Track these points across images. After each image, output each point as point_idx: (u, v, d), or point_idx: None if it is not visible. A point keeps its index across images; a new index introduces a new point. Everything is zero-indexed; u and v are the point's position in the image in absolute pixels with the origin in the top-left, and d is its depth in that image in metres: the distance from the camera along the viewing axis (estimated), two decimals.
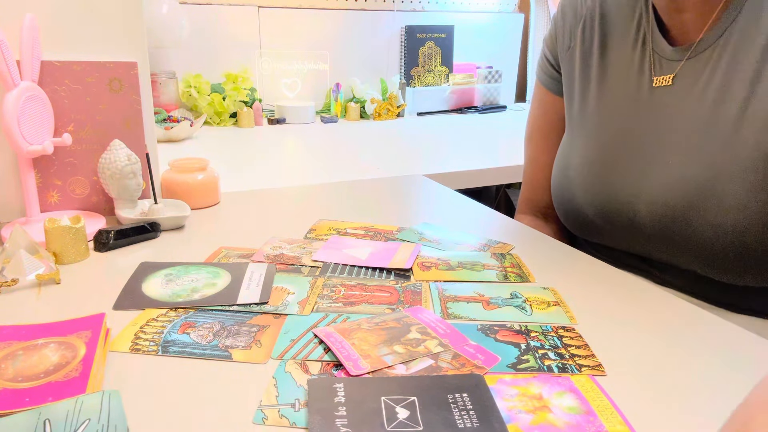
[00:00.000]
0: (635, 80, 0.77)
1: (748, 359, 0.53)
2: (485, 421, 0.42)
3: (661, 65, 0.74)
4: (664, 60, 0.74)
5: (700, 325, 0.58)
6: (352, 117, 1.90)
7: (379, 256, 0.72)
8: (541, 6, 2.17)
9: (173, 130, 1.48)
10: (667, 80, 0.73)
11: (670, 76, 0.73)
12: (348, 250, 0.75)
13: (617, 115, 0.79)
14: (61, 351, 0.50)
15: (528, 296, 0.63)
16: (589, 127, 0.82)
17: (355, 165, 1.33)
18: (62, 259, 0.69)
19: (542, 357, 0.52)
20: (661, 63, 0.74)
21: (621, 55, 0.79)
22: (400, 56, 2.06)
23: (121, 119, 0.83)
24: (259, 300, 0.60)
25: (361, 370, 0.48)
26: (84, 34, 0.80)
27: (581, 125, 0.84)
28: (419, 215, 0.92)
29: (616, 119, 0.78)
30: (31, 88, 0.74)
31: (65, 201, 0.84)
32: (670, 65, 0.73)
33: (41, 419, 0.40)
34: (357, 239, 0.79)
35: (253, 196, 0.99)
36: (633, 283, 0.68)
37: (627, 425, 0.43)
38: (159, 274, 0.66)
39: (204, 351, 0.52)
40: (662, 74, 0.74)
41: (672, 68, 0.73)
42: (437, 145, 1.60)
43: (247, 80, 1.80)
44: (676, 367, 0.51)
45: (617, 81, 0.79)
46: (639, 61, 0.77)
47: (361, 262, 0.71)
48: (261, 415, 0.43)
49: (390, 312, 0.59)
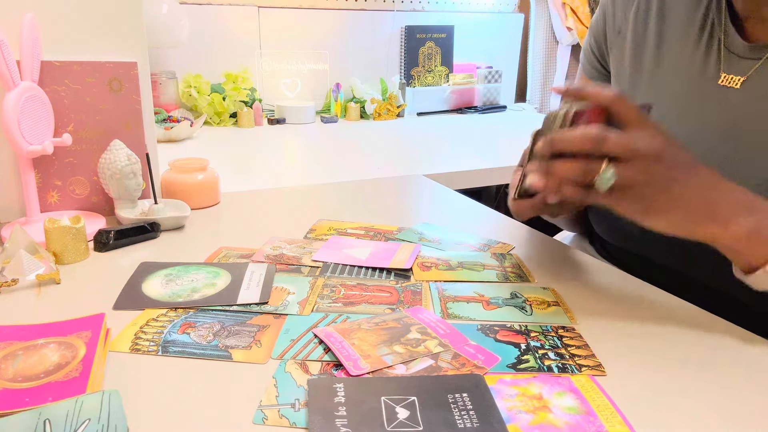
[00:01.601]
0: (697, 76, 0.69)
1: (747, 359, 0.53)
2: (485, 421, 0.42)
3: (731, 62, 0.66)
4: (735, 57, 0.66)
5: (700, 325, 0.58)
6: (352, 117, 1.90)
7: (379, 257, 0.72)
8: (541, 6, 2.17)
9: (173, 130, 1.48)
10: (736, 81, 0.65)
11: (741, 78, 0.65)
12: (348, 250, 0.75)
13: (673, 112, 0.71)
14: (61, 351, 0.50)
15: (528, 296, 0.63)
16: None
17: (355, 165, 1.33)
18: (62, 259, 0.69)
19: (542, 357, 0.52)
20: (731, 60, 0.66)
21: (681, 46, 0.71)
22: (400, 56, 2.06)
23: (121, 119, 0.83)
24: (259, 300, 0.60)
25: (361, 370, 0.48)
26: (84, 34, 0.80)
27: None
28: (419, 215, 0.92)
29: (671, 117, 0.70)
30: (31, 88, 0.74)
31: (65, 201, 0.84)
32: (743, 64, 0.65)
33: (41, 419, 0.40)
34: (357, 239, 0.79)
35: (253, 196, 0.99)
36: (633, 283, 0.68)
37: (627, 425, 0.43)
38: (159, 274, 0.66)
39: (204, 351, 0.52)
40: (731, 72, 0.66)
41: (745, 67, 0.65)
42: (437, 145, 1.60)
43: (247, 80, 1.80)
44: (676, 367, 0.51)
45: (675, 74, 0.72)
46: (703, 54, 0.69)
47: (361, 262, 0.71)
48: (261, 415, 0.43)
49: (390, 312, 0.59)
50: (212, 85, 1.76)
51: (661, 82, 0.73)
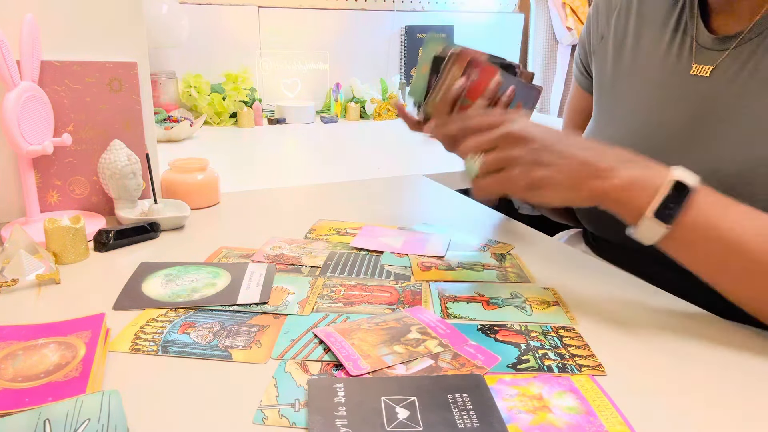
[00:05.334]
0: (671, 67, 0.75)
1: (747, 359, 0.53)
2: (485, 421, 0.42)
3: (701, 54, 0.72)
4: (704, 49, 0.72)
5: (700, 325, 0.58)
6: (352, 117, 1.90)
7: (413, 245, 0.76)
8: (541, 6, 2.17)
9: (173, 130, 1.48)
10: (706, 70, 0.70)
11: (710, 66, 0.70)
12: (383, 238, 0.78)
13: (650, 102, 0.76)
14: (61, 351, 0.50)
15: (528, 296, 0.63)
16: (620, 115, 0.80)
17: (355, 165, 1.33)
18: (62, 259, 0.69)
19: (542, 357, 0.52)
20: (701, 52, 0.72)
21: (657, 42, 0.77)
22: (400, 56, 2.06)
23: (121, 119, 0.83)
24: (259, 300, 0.60)
25: (361, 370, 0.48)
26: (84, 34, 0.80)
27: (610, 113, 0.82)
28: (419, 215, 0.92)
29: (649, 106, 0.76)
30: (31, 88, 0.74)
31: (65, 201, 0.84)
32: (711, 55, 0.71)
33: (41, 419, 0.40)
34: (389, 229, 0.82)
35: (253, 196, 0.99)
36: (633, 282, 0.68)
37: (627, 425, 0.43)
38: (159, 274, 0.66)
39: (204, 351, 0.51)
40: (701, 63, 0.71)
41: (714, 57, 0.70)
42: (437, 145, 1.60)
43: (247, 80, 1.80)
44: (676, 367, 0.51)
45: (651, 67, 0.77)
46: (677, 48, 0.75)
47: (397, 250, 0.75)
48: (261, 415, 0.43)
49: (390, 312, 0.59)
50: (212, 85, 1.76)
51: (639, 74, 0.79)
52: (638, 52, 0.79)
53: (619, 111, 0.81)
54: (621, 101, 0.81)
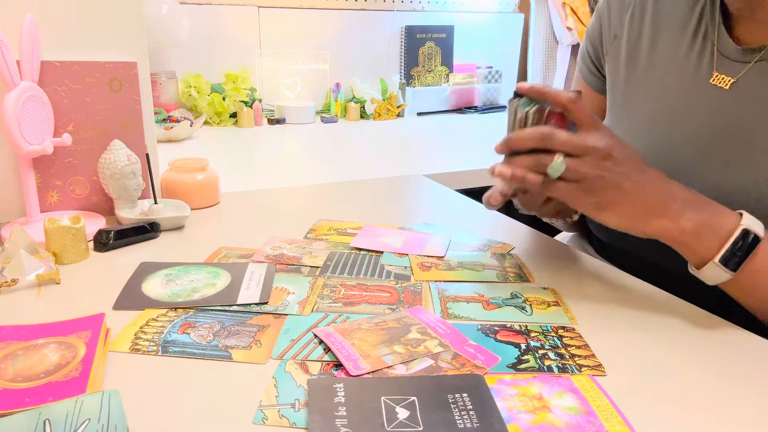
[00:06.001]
0: (690, 74, 0.71)
1: (747, 360, 0.53)
2: (485, 421, 0.42)
3: (722, 64, 0.68)
4: (726, 60, 0.68)
5: (700, 325, 0.58)
6: (352, 117, 1.90)
7: (412, 245, 0.76)
8: (541, 6, 2.17)
9: (173, 130, 1.48)
10: (727, 81, 0.67)
11: (731, 79, 0.67)
12: (383, 238, 0.78)
13: (666, 108, 0.73)
14: (61, 351, 0.50)
15: (528, 296, 0.63)
16: (634, 121, 0.76)
17: (355, 165, 1.33)
18: (62, 259, 0.69)
19: (542, 357, 0.52)
20: (723, 62, 0.68)
21: (675, 47, 0.73)
22: (400, 56, 2.06)
23: (121, 119, 0.83)
24: (259, 300, 0.60)
25: (361, 370, 0.48)
26: (84, 34, 0.80)
27: (624, 118, 0.78)
28: (419, 215, 0.92)
29: (667, 116, 0.72)
30: (31, 88, 0.74)
31: (65, 201, 0.84)
32: (734, 66, 0.67)
33: (41, 419, 0.40)
34: (389, 229, 0.82)
35: (253, 196, 0.99)
36: (633, 282, 0.68)
37: (627, 425, 0.43)
38: (159, 274, 0.66)
39: (204, 351, 0.51)
40: (723, 73, 0.68)
41: (736, 69, 0.67)
42: (437, 145, 1.60)
43: (247, 80, 1.80)
44: (676, 367, 0.51)
45: (668, 73, 0.73)
46: (697, 55, 0.70)
47: (397, 250, 0.75)
48: (261, 415, 0.43)
49: (390, 312, 0.59)
50: (212, 85, 1.76)
51: (655, 80, 0.75)
52: (654, 56, 0.75)
53: (634, 117, 0.77)
54: (636, 107, 0.77)
